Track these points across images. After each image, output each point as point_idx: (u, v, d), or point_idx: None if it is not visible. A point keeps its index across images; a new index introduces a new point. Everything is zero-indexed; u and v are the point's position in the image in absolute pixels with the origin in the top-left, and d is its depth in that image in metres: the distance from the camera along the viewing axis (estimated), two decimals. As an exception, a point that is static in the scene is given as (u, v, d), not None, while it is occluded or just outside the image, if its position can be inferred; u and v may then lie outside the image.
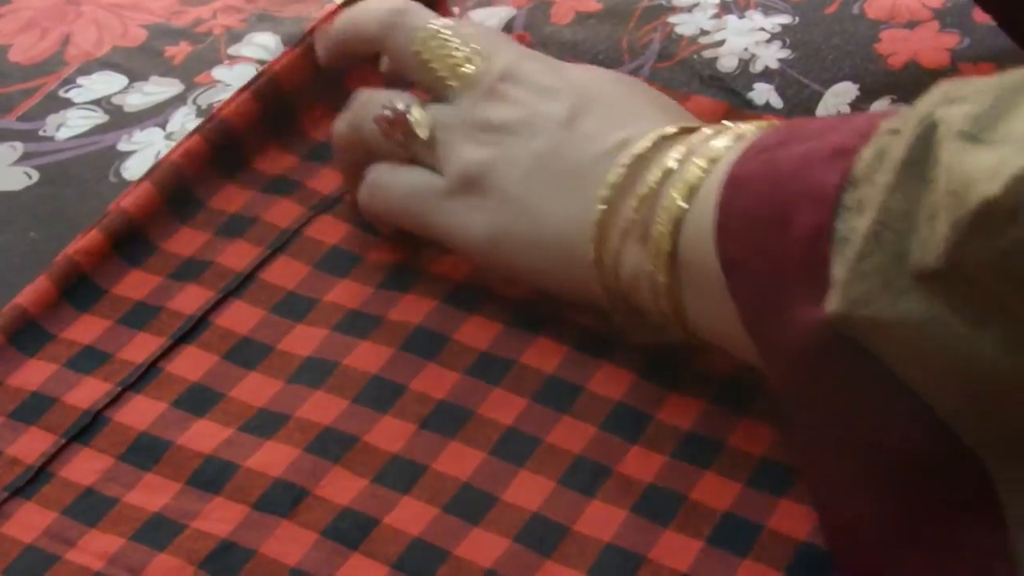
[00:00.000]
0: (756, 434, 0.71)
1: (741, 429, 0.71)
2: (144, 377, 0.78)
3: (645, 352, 0.75)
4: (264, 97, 0.91)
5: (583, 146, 0.74)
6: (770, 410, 0.70)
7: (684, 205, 0.67)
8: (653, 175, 0.69)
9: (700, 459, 0.71)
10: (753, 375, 0.71)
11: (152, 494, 0.72)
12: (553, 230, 0.74)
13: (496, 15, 1.01)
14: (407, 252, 0.83)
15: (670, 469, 0.70)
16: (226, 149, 0.89)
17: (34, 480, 0.73)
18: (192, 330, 0.80)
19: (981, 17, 0.95)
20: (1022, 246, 0.50)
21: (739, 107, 0.91)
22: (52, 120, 0.96)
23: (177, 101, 0.97)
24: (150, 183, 0.86)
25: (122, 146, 0.93)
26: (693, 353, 0.74)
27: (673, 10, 1.00)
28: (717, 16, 0.99)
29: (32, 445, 0.75)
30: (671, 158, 0.69)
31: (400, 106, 0.79)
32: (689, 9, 0.99)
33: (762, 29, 0.97)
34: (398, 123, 0.79)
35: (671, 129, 0.72)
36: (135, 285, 0.83)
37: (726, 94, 0.92)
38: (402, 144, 0.79)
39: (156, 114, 0.96)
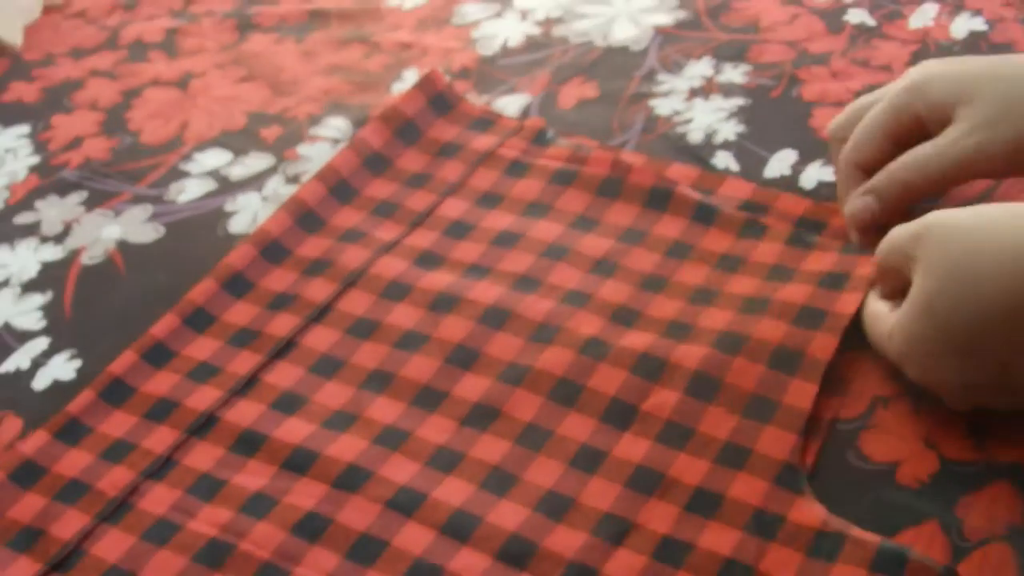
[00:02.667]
0: (752, 488, 0.68)
1: (739, 484, 0.69)
2: (248, 385, 0.78)
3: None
4: (326, 179, 0.91)
5: None
6: (764, 468, 0.69)
7: None
8: None
9: (705, 511, 0.68)
10: (749, 439, 0.70)
11: (254, 476, 0.73)
12: None
13: (516, 101, 1.01)
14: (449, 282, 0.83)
15: (682, 520, 0.68)
16: (306, 215, 0.89)
17: (164, 466, 0.74)
18: (284, 349, 0.80)
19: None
20: None
21: (706, 170, 0.90)
22: (174, 187, 0.96)
23: (270, 171, 0.97)
24: (249, 243, 0.86)
25: (228, 207, 0.94)
26: (699, 423, 0.72)
27: (653, 95, 0.99)
28: (687, 100, 0.98)
29: (162, 439, 0.75)
30: None
31: None
32: (666, 95, 0.99)
33: (722, 109, 0.97)
34: None
35: None
36: (240, 314, 0.83)
37: (695, 160, 0.92)
38: None
39: (254, 182, 0.96)
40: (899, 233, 0.72)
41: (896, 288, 0.73)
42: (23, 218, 0.95)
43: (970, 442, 0.70)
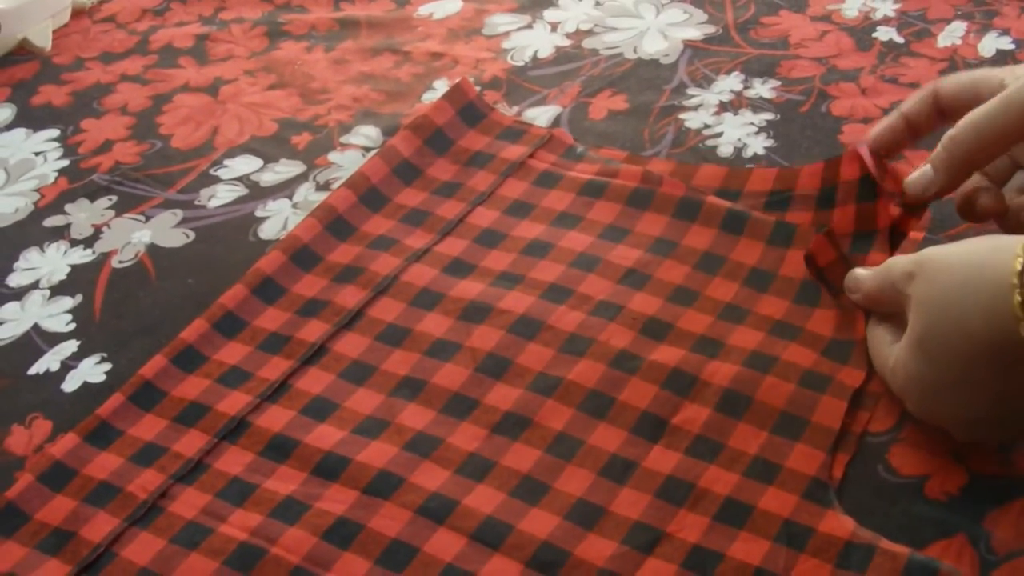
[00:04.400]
0: (782, 500, 0.69)
1: (768, 496, 0.70)
2: (278, 391, 0.79)
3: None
4: (356, 187, 0.92)
5: None
6: (794, 482, 0.70)
7: None
8: None
9: (735, 521, 0.69)
10: (779, 455, 0.71)
11: (284, 481, 0.73)
12: None
13: (547, 112, 1.02)
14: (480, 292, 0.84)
15: (712, 530, 0.69)
16: (336, 221, 0.90)
17: (194, 470, 0.74)
18: (315, 355, 0.81)
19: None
20: None
21: (734, 168, 0.91)
22: (204, 192, 0.97)
23: (301, 178, 0.97)
24: (279, 249, 0.87)
25: (259, 213, 0.94)
26: (729, 438, 0.73)
27: (683, 108, 1.00)
28: (717, 113, 0.99)
29: (192, 443, 0.76)
30: None
31: None
32: (695, 108, 1.00)
33: (751, 124, 0.98)
34: None
35: None
36: (271, 319, 0.84)
37: (724, 173, 0.92)
38: None
39: (285, 188, 0.97)
40: (894, 267, 0.72)
41: (897, 315, 0.74)
42: (53, 221, 0.96)
43: (998, 456, 0.70)
